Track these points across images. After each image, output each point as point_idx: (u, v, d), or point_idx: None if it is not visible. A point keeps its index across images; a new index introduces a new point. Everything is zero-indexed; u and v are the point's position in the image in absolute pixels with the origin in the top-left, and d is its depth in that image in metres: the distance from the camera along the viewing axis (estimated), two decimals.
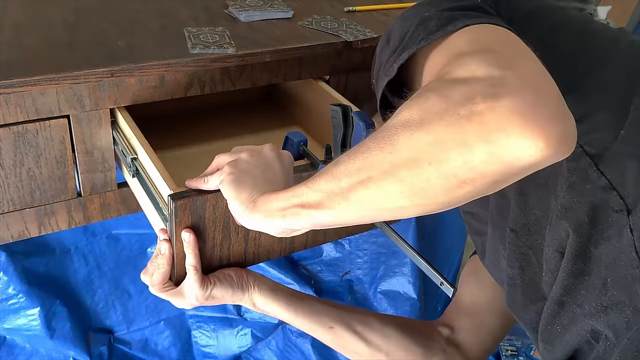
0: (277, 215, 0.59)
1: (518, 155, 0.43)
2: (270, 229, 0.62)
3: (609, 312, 0.60)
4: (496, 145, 0.43)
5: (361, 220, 0.53)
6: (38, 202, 0.88)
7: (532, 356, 1.86)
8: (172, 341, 1.59)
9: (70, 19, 0.95)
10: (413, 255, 0.67)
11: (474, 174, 0.44)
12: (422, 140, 0.46)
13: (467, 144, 0.43)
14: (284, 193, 0.59)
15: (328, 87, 0.99)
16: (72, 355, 1.44)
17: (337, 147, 0.71)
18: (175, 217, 0.69)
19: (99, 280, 1.47)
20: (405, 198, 0.48)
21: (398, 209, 0.49)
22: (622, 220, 0.58)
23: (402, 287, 1.60)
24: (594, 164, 0.59)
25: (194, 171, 0.96)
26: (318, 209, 0.54)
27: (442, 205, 0.48)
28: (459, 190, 0.46)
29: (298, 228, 0.60)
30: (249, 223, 0.63)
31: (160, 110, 1.03)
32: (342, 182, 0.51)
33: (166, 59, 0.85)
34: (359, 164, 0.50)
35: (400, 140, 0.47)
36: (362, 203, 0.51)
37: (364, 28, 1.02)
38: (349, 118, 0.69)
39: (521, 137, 0.42)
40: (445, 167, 0.45)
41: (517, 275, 0.70)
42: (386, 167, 0.48)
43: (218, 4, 1.07)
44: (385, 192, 0.49)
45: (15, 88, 0.76)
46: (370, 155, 0.49)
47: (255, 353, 1.63)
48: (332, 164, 0.54)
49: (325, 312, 0.86)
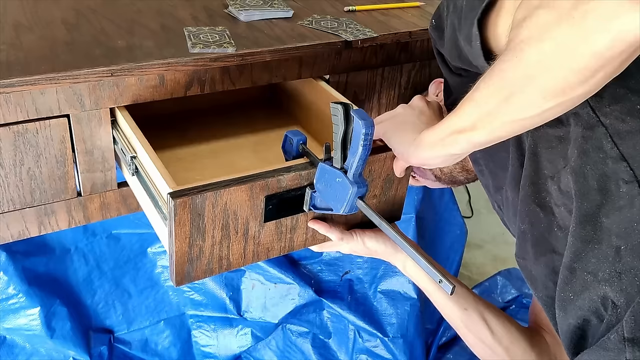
0: (439, 145, 0.68)
1: (635, 33, 0.47)
2: (436, 159, 0.71)
3: (622, 277, 0.63)
4: (615, 29, 0.47)
5: (514, 132, 0.60)
6: (38, 201, 0.88)
7: None
8: (172, 341, 1.59)
9: (70, 19, 0.95)
10: (412, 253, 0.67)
11: (603, 60, 0.49)
12: (548, 48, 0.51)
13: (589, 38, 0.48)
14: (439, 126, 0.67)
15: (328, 87, 0.99)
16: (72, 355, 1.44)
17: (338, 145, 0.71)
18: (174, 216, 0.69)
19: (99, 280, 1.47)
20: (548, 101, 0.54)
21: (545, 111, 0.55)
22: (633, 191, 0.61)
23: (402, 287, 1.60)
24: (609, 134, 0.62)
25: (194, 171, 0.96)
26: (473, 131, 0.62)
27: (583, 96, 0.54)
28: (593, 79, 0.51)
29: (459, 152, 0.67)
30: (417, 158, 0.73)
31: (161, 110, 1.03)
32: (489, 103, 0.58)
33: (166, 59, 0.85)
34: (498, 84, 0.56)
35: (525, 53, 0.52)
36: (511, 116, 0.57)
37: (364, 28, 1.02)
38: (350, 116, 0.69)
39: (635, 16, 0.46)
40: (575, 64, 0.50)
41: (527, 229, 0.75)
42: (523, 81, 0.54)
43: (218, 3, 1.07)
44: (529, 102, 0.55)
45: (15, 87, 0.76)
46: (505, 74, 0.55)
47: (255, 353, 1.63)
48: (473, 89, 0.60)
49: (463, 294, 0.94)
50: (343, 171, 0.71)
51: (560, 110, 0.56)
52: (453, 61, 0.75)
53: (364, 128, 0.66)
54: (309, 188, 0.78)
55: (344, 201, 0.71)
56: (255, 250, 0.81)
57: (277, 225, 0.80)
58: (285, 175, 0.76)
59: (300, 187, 0.78)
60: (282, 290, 1.59)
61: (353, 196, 0.71)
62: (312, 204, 0.79)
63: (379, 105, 1.12)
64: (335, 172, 0.72)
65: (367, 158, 0.70)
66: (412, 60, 1.09)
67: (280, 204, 0.78)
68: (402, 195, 0.91)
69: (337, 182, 0.72)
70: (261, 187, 0.74)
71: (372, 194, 0.86)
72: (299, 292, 1.58)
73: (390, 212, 0.91)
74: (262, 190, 0.75)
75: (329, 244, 0.89)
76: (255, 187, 0.74)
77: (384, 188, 0.87)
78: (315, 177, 0.76)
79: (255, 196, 0.75)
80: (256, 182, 0.74)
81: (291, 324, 1.60)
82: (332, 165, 0.73)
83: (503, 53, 0.56)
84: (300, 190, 0.78)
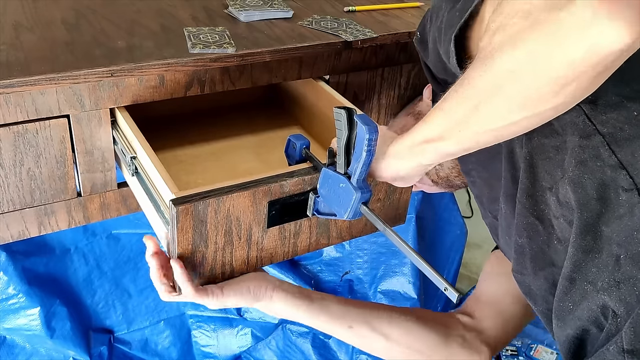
0: (407, 154, 0.66)
1: (612, 45, 0.46)
2: (406, 170, 0.69)
3: (621, 286, 0.62)
4: (590, 40, 0.46)
5: (486, 143, 0.59)
6: (38, 201, 0.88)
7: (532, 356, 1.86)
8: (172, 341, 1.60)
9: (70, 19, 0.95)
10: (416, 260, 0.66)
11: (577, 71, 0.48)
12: (521, 56, 0.49)
13: (564, 47, 0.47)
14: (408, 135, 0.66)
15: (329, 88, 0.99)
16: (72, 355, 1.44)
17: (341, 150, 0.71)
18: (176, 223, 0.69)
19: (99, 280, 1.48)
20: (516, 112, 0.52)
21: (514, 123, 0.54)
22: (632, 199, 0.60)
23: (402, 287, 1.60)
24: (606, 143, 0.61)
25: (196, 174, 0.96)
26: (441, 141, 0.60)
27: (553, 111, 0.52)
28: (565, 91, 0.49)
29: (428, 162, 0.66)
30: (387, 171, 0.70)
31: (161, 111, 1.03)
32: (457, 113, 0.57)
33: (166, 59, 0.85)
34: (466, 93, 0.55)
35: (497, 61, 0.51)
36: (480, 127, 0.56)
37: (364, 28, 1.02)
38: (354, 121, 0.68)
39: (611, 28, 0.45)
40: (549, 73, 0.48)
41: (526, 243, 0.73)
42: (491, 89, 0.52)
43: (218, 3, 1.07)
44: (497, 112, 0.53)
45: (15, 88, 0.76)
46: (472, 82, 0.54)
47: (255, 353, 1.64)
48: (443, 99, 0.58)
49: (343, 313, 0.89)
50: (347, 176, 0.70)
51: (529, 124, 0.54)
52: (440, 74, 0.73)
53: (367, 133, 0.65)
54: (312, 193, 0.77)
55: (348, 207, 0.70)
56: (258, 256, 0.80)
57: (280, 230, 0.79)
58: (288, 180, 0.75)
59: (303, 192, 0.77)
60: None
61: (357, 202, 0.70)
62: (315, 209, 0.78)
63: (379, 105, 1.12)
64: (339, 177, 0.71)
65: (371, 163, 0.69)
66: (411, 60, 1.09)
67: (283, 209, 0.77)
68: (407, 198, 0.90)
69: (340, 187, 0.71)
70: (264, 193, 0.74)
71: (376, 198, 0.86)
72: None
73: (394, 216, 0.91)
74: (265, 195, 0.74)
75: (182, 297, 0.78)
76: (258, 193, 0.73)
77: (388, 192, 0.86)
78: (319, 182, 0.75)
79: (258, 202, 0.74)
80: (259, 188, 0.73)
81: (291, 324, 1.60)
82: (336, 171, 0.72)
83: (474, 61, 0.55)
84: (303, 195, 0.77)
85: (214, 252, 0.75)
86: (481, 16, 0.59)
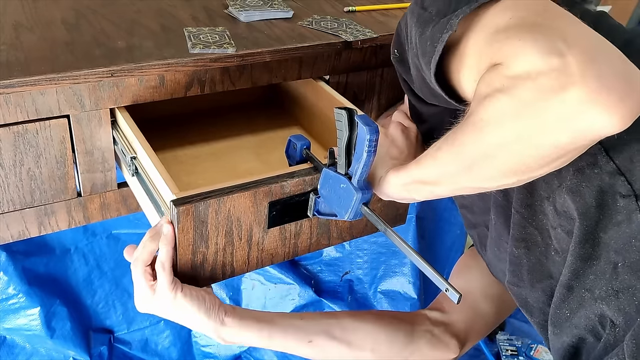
0: (402, 190, 0.68)
1: (598, 131, 0.48)
2: (401, 200, 0.72)
3: (619, 296, 0.61)
4: (576, 128, 0.47)
5: (475, 190, 0.61)
6: (38, 202, 0.88)
7: (532, 356, 1.86)
8: (172, 341, 1.60)
9: (70, 19, 0.94)
10: (417, 261, 0.66)
11: (564, 151, 0.50)
12: (508, 136, 0.51)
13: (550, 133, 0.48)
14: (405, 170, 0.67)
15: (329, 88, 0.99)
16: (72, 355, 1.44)
17: (342, 151, 0.71)
18: (177, 223, 0.69)
19: (99, 280, 1.48)
20: (508, 178, 0.55)
21: (505, 185, 0.57)
22: (630, 206, 0.60)
23: (402, 287, 1.60)
24: (604, 149, 0.61)
25: (196, 174, 0.96)
26: (436, 186, 0.63)
27: (540, 175, 0.55)
28: (553, 164, 0.52)
29: (422, 199, 0.69)
30: (383, 195, 0.72)
31: (161, 111, 1.03)
32: (450, 167, 0.59)
33: (166, 59, 0.85)
34: (459, 154, 0.57)
35: (487, 136, 0.52)
36: (472, 183, 0.58)
37: (364, 28, 1.02)
38: (355, 122, 0.68)
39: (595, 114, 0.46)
40: (535, 153, 0.51)
41: (523, 254, 0.73)
42: (483, 158, 0.54)
43: (218, 4, 1.07)
44: (489, 176, 0.56)
45: (15, 88, 0.76)
46: (465, 147, 0.56)
47: (255, 353, 1.64)
48: (436, 147, 0.60)
49: (300, 328, 0.85)
50: (347, 177, 0.70)
51: (520, 183, 0.56)
52: (429, 100, 0.72)
53: (368, 134, 0.65)
54: (313, 193, 0.77)
55: (349, 207, 0.70)
56: (259, 257, 0.80)
57: (281, 231, 0.79)
58: (289, 181, 0.75)
59: (304, 193, 0.77)
60: (282, 290, 1.59)
61: (358, 203, 0.70)
62: (316, 210, 0.78)
63: (379, 105, 1.12)
64: (340, 178, 0.71)
65: (371, 164, 0.68)
66: None
67: (284, 209, 0.77)
68: None
69: (341, 188, 0.71)
70: (265, 193, 0.74)
71: (377, 198, 0.85)
72: (299, 293, 1.58)
73: (394, 216, 0.91)
74: (265, 196, 0.74)
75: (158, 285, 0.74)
76: (258, 194, 0.73)
77: None
78: (319, 182, 0.75)
79: (259, 202, 0.74)
80: (259, 188, 0.73)
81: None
82: (337, 171, 0.72)
83: (464, 121, 0.55)
84: (304, 195, 0.77)
85: (214, 252, 0.75)
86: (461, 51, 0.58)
